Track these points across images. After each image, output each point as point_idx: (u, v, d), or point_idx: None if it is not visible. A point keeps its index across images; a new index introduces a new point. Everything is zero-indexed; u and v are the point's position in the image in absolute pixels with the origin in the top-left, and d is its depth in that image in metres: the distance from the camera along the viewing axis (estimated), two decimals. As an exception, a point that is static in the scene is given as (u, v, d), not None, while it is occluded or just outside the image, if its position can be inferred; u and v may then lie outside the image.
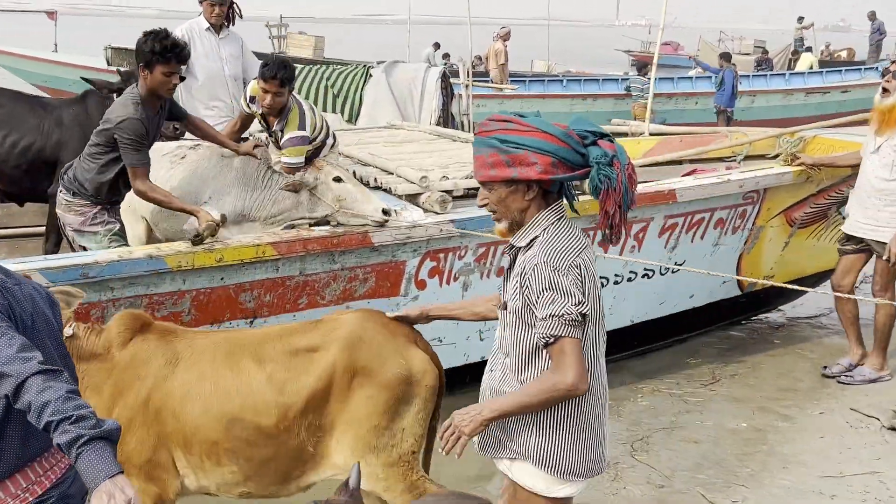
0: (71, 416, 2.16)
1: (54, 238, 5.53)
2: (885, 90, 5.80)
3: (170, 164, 5.24)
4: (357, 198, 4.84)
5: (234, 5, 6.12)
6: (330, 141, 5.40)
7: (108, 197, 4.78)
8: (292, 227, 4.98)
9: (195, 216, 4.65)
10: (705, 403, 5.73)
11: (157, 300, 4.54)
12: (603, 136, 2.73)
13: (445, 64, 18.89)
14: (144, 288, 4.47)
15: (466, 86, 11.03)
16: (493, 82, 16.86)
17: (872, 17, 28.31)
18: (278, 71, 4.96)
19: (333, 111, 9.58)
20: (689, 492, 4.65)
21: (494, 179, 2.76)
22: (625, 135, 9.83)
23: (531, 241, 2.79)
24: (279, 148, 5.15)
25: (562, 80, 18.64)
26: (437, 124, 9.27)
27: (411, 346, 3.63)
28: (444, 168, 5.75)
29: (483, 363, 5.71)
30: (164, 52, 4.54)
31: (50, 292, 2.76)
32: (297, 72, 9.45)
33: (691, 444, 5.19)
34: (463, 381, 5.86)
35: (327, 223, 4.94)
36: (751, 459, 5.00)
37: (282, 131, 5.16)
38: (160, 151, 5.22)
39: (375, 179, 5.63)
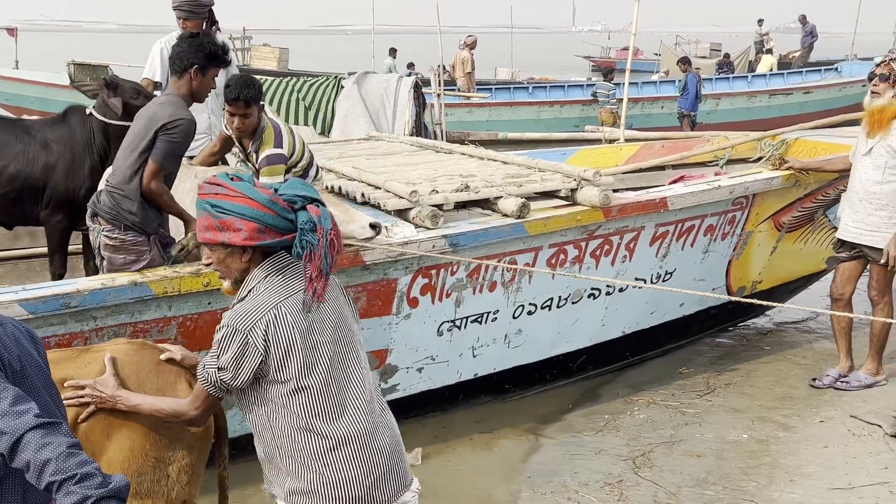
0: (75, 475, 1.99)
1: (59, 259, 5.24)
2: (874, 92, 5.74)
3: None
4: (340, 219, 4.57)
5: (212, 13, 5.85)
6: (313, 172, 5.19)
7: (156, 219, 4.47)
8: None
9: (185, 226, 4.46)
10: (703, 415, 5.62)
11: (143, 328, 4.34)
12: (313, 200, 2.77)
13: (409, 73, 18.76)
14: (129, 316, 4.27)
15: (438, 95, 10.90)
16: (459, 91, 16.75)
17: (804, 20, 28.63)
18: (241, 91, 4.75)
19: (306, 123, 9.42)
20: (698, 509, 4.53)
21: (210, 242, 2.79)
22: (599, 141, 9.79)
23: (247, 293, 2.79)
24: (256, 171, 4.94)
25: (528, 88, 18.59)
26: (410, 135, 9.14)
27: (181, 384, 3.21)
28: (431, 181, 5.59)
29: (476, 380, 5.66)
30: (220, 54, 4.43)
31: (31, 329, 2.53)
32: (267, 84, 9.31)
33: (694, 459, 5.07)
34: (456, 399, 5.75)
35: None
36: (756, 473, 4.89)
37: (256, 153, 4.96)
38: None
39: (363, 195, 5.46)
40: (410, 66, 23.43)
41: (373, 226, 4.57)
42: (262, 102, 4.96)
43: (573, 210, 5.51)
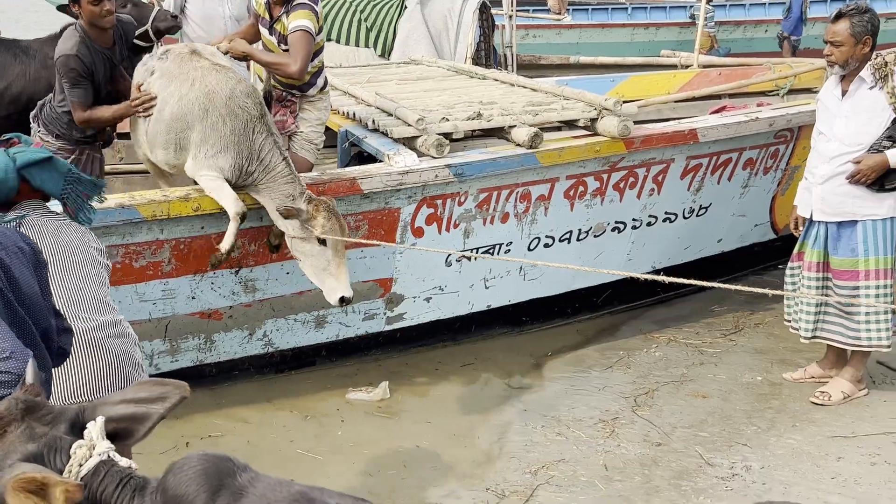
0: None
1: None
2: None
3: (142, 79, 4.68)
4: (327, 267, 4.37)
5: None
6: (320, 82, 5.14)
7: (81, 135, 4.76)
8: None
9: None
10: (722, 355, 5.45)
11: (135, 250, 4.46)
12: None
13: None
14: (120, 237, 4.39)
15: (510, 16, 10.64)
16: (552, 11, 16.32)
17: None
18: None
19: (366, 45, 9.31)
20: (687, 451, 4.42)
21: None
22: (674, 67, 9.40)
23: None
24: (282, 39, 4.90)
25: (626, 8, 17.93)
26: (474, 59, 8.98)
27: None
28: (449, 108, 5.50)
29: (489, 311, 5.62)
30: None
31: (30, 243, 2.56)
32: (327, 4, 9.25)
33: (699, 399, 4.93)
34: (468, 329, 5.73)
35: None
36: (759, 417, 4.73)
37: (287, 13, 4.83)
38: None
39: (373, 121, 5.41)
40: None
41: (344, 300, 4.37)
42: None
43: (591, 140, 5.34)
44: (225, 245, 4.39)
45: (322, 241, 4.31)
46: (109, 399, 2.00)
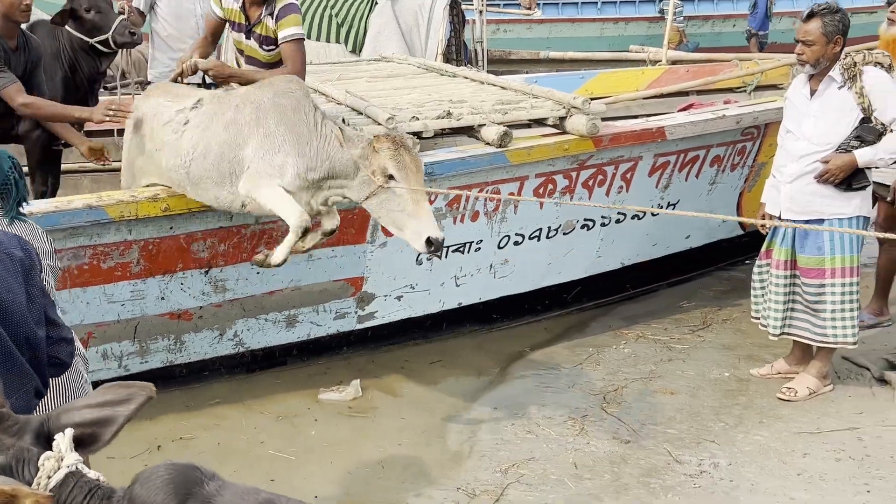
0: None
1: (41, 176, 5.40)
2: (890, 20, 5.38)
3: (174, 134, 4.33)
4: (405, 208, 3.84)
5: None
6: None
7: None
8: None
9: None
10: (690, 351, 5.50)
11: (103, 251, 4.43)
12: None
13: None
14: (87, 238, 4.36)
15: (480, 11, 10.64)
16: (522, 6, 16.36)
17: None
18: None
19: (337, 41, 9.28)
20: (656, 448, 4.46)
21: None
22: (643, 62, 9.45)
23: None
24: (263, 41, 4.85)
25: (596, 3, 18.00)
26: (445, 54, 8.97)
27: None
28: (419, 107, 5.50)
29: (460, 309, 5.64)
30: None
31: (28, 249, 2.50)
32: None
33: (668, 396, 4.98)
34: (439, 327, 5.75)
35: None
36: (727, 413, 4.78)
37: (272, 16, 4.75)
38: (159, 119, 4.42)
39: (344, 120, 5.39)
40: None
41: (431, 242, 3.81)
42: None
43: (560, 139, 5.37)
44: (277, 258, 4.04)
45: (391, 177, 3.83)
46: (74, 405, 2.00)
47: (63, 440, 1.89)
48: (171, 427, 4.61)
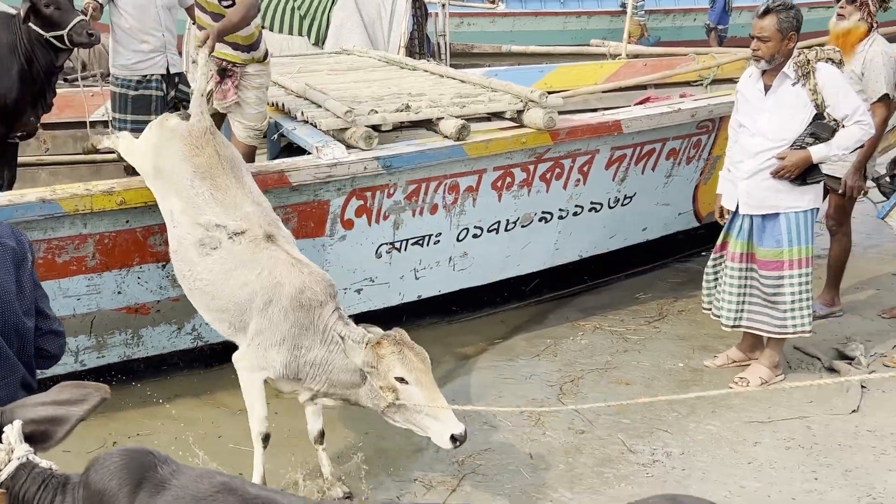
0: None
1: (7, 175, 5.37)
2: (840, 15, 5.48)
3: (199, 247, 4.03)
4: (422, 410, 3.62)
5: None
6: (263, 46, 5.11)
7: None
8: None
9: None
10: (646, 342, 5.58)
11: (58, 245, 4.41)
12: None
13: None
14: (42, 233, 4.34)
15: (443, 4, 10.67)
16: (485, 0, 16.40)
17: None
18: None
19: (300, 34, 9.27)
20: (610, 438, 4.53)
21: None
22: (603, 56, 9.52)
23: None
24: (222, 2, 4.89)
25: (561, -4, 18.10)
26: (408, 47, 9.00)
27: None
28: (378, 100, 5.53)
29: (419, 302, 5.67)
30: None
31: (21, 239, 2.45)
32: (262, -9, 9.13)
33: (622, 387, 5.05)
34: (399, 319, 5.76)
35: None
36: (680, 403, 4.85)
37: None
38: (193, 231, 4.05)
39: (302, 113, 5.42)
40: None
41: (455, 438, 3.57)
42: None
43: (518, 132, 5.42)
44: (255, 478, 3.96)
45: (401, 380, 3.61)
46: (29, 401, 2.01)
47: (11, 431, 1.90)
48: (129, 422, 4.61)
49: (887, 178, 5.49)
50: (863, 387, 4.90)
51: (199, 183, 4.09)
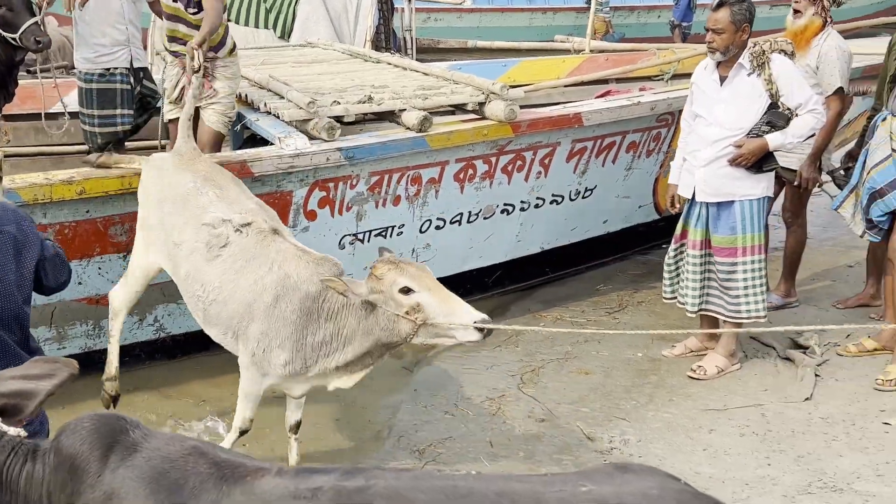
0: None
1: None
2: (796, 11, 5.58)
3: (207, 251, 3.94)
4: (440, 310, 3.52)
5: None
6: (229, 42, 5.11)
7: None
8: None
9: None
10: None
11: (17, 235, 4.39)
12: None
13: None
14: None
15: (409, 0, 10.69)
16: (453, -6, 16.41)
17: None
18: None
19: (266, 27, 9.25)
20: (569, 426, 4.60)
21: None
22: (567, 51, 9.59)
23: None
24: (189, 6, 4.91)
25: (526, -8, 18.14)
26: (374, 42, 9.00)
27: None
28: (341, 92, 5.55)
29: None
30: None
31: (23, 224, 2.44)
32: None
33: (582, 376, 5.12)
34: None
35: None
36: (638, 392, 4.94)
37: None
38: (199, 237, 3.98)
39: (265, 104, 5.43)
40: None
41: (479, 328, 3.53)
42: None
43: (479, 124, 5.47)
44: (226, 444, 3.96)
45: (408, 290, 3.51)
46: (1, 374, 2.02)
47: None
48: (89, 412, 4.60)
49: (842, 172, 5.61)
50: (816, 375, 5.00)
51: (203, 184, 4.10)
